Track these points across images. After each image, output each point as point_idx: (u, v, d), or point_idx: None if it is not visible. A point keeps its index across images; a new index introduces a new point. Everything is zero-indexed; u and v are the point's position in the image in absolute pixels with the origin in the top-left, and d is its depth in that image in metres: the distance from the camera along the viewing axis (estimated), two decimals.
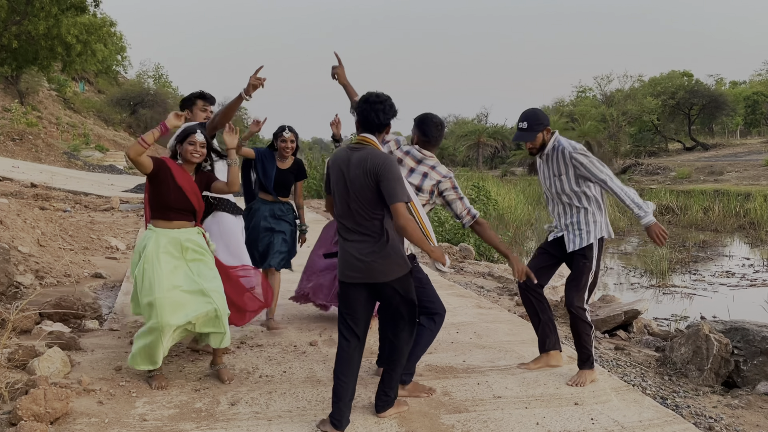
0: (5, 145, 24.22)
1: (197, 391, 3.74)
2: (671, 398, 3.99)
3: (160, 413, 3.42)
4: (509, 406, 3.58)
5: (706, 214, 18.24)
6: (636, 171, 35.60)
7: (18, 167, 19.91)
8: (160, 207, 3.84)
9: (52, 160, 24.35)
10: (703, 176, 31.33)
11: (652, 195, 22.71)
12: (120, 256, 8.29)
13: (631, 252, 13.89)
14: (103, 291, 6.54)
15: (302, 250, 5.41)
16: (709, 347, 4.50)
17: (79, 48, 22.90)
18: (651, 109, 42.79)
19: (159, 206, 3.85)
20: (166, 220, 3.86)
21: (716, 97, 46.33)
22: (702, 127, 51.61)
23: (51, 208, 11.87)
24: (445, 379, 3.99)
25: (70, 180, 19.14)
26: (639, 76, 47.87)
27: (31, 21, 22.20)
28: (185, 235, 3.86)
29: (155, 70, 51.96)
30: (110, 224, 11.30)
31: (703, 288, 10.03)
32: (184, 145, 3.90)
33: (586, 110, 46.64)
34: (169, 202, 3.80)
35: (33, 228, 7.79)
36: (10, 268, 5.80)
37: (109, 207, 13.96)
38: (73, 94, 41.82)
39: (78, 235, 9.04)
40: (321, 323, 5.25)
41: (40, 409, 3.19)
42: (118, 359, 4.24)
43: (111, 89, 47.14)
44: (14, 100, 32.23)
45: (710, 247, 14.36)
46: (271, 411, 3.48)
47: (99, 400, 3.55)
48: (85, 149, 29.31)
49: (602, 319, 5.45)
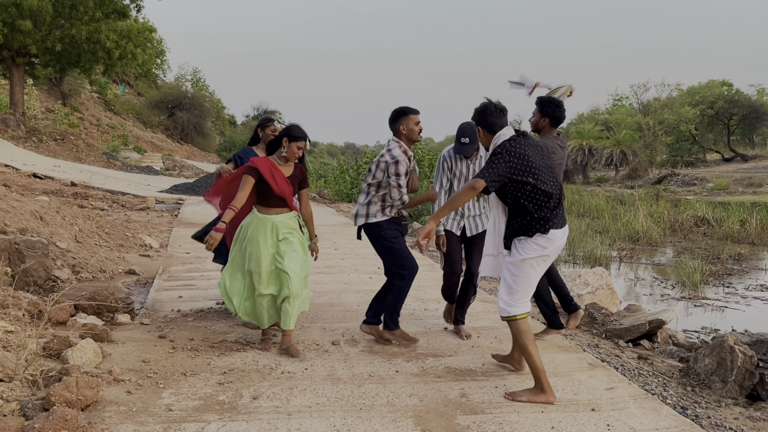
0: (47, 144, 24.98)
1: (221, 384, 3.86)
2: (692, 408, 3.97)
3: (185, 404, 3.54)
4: (525, 410, 3.61)
5: (743, 226, 17.80)
6: (672, 181, 34.90)
7: (59, 166, 20.53)
8: (261, 197, 4.56)
9: (91, 160, 25.02)
10: (741, 188, 30.62)
11: (688, 206, 22.25)
12: (153, 254, 8.53)
13: (664, 263, 13.67)
14: (136, 287, 6.75)
15: None
16: (734, 359, 4.45)
17: (119, 53, 23.53)
18: (689, 119, 42.00)
19: (260, 196, 4.57)
20: (266, 206, 4.56)
21: (757, 107, 45.24)
22: (742, 138, 50.39)
23: (89, 206, 12.24)
24: (463, 381, 4.03)
25: (108, 180, 19.66)
26: (677, 84, 47.12)
27: (74, 25, 22.90)
28: (281, 218, 4.55)
29: (193, 74, 53.01)
30: (145, 223, 11.60)
31: (736, 301, 9.82)
32: (291, 146, 4.51)
33: (621, 119, 46.04)
34: (267, 194, 4.53)
35: (71, 225, 8.07)
36: (48, 263, 6.04)
37: (144, 207, 14.32)
38: (114, 96, 42.95)
39: (114, 233, 9.32)
40: (344, 324, 5.34)
41: (71, 396, 3.34)
42: (147, 352, 4.40)
43: (150, 92, 48.24)
44: (57, 101, 33.24)
45: (746, 260, 14.04)
46: (292, 406, 3.58)
47: (128, 389, 3.69)
48: (124, 150, 30.06)
49: (626, 328, 5.42)
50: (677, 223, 18.61)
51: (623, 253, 14.50)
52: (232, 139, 46.36)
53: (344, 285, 6.87)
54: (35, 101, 29.55)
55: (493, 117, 3.91)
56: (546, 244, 3.79)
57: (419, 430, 3.33)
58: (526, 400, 3.72)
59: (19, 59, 23.98)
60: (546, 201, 3.78)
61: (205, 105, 46.55)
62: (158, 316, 5.41)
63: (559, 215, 3.84)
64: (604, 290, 6.63)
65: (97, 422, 3.24)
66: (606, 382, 4.08)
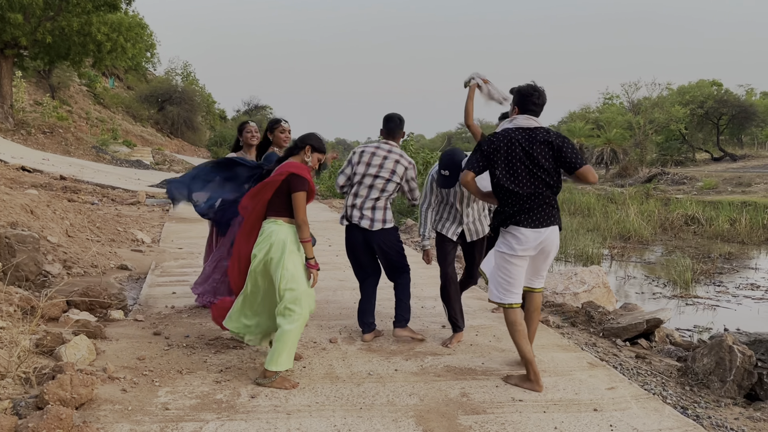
0: (36, 137, 24.71)
1: (218, 382, 3.80)
2: (692, 408, 3.95)
3: (181, 403, 3.48)
4: (527, 410, 3.58)
5: (733, 225, 17.90)
6: (662, 180, 35.05)
7: (48, 160, 20.29)
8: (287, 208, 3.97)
9: (81, 154, 24.77)
10: (730, 187, 30.79)
11: (678, 205, 22.36)
12: (145, 249, 8.43)
13: (655, 262, 13.71)
14: (128, 282, 6.66)
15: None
16: (733, 359, 4.44)
17: (109, 45, 23.29)
18: (679, 118, 42.21)
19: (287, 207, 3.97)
20: (290, 217, 3.98)
21: (746, 107, 45.52)
22: (731, 138, 50.73)
23: (79, 200, 12.09)
24: (463, 380, 3.99)
25: (98, 173, 19.46)
26: (667, 84, 47.33)
27: (64, 17, 22.63)
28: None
29: (183, 68, 52.60)
30: (136, 218, 11.48)
31: (727, 300, 9.86)
32: (314, 156, 4.10)
33: (612, 117, 46.19)
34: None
35: (62, 219, 7.95)
36: (39, 257, 5.94)
37: (135, 201, 14.18)
38: (103, 89, 42.54)
39: (105, 228, 9.21)
40: (341, 321, 5.29)
41: (66, 394, 3.27)
42: (141, 349, 4.32)
43: (140, 86, 47.84)
44: (46, 94, 32.88)
45: (736, 259, 14.11)
46: (290, 405, 3.53)
47: (123, 387, 3.62)
48: (113, 144, 29.79)
49: (623, 326, 5.40)
50: (668, 222, 18.70)
51: (614, 251, 14.54)
52: (223, 133, 46.07)
53: (339, 282, 6.81)
54: (24, 94, 29.20)
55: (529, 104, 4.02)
56: (513, 241, 3.89)
57: (421, 430, 3.29)
58: (513, 384, 3.96)
59: (8, 51, 23.68)
60: (509, 198, 3.92)
61: (196, 99, 46.21)
62: (152, 313, 5.33)
63: (533, 215, 3.90)
64: (601, 289, 6.61)
65: (92, 421, 3.17)
66: (607, 381, 4.05)
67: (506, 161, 3.90)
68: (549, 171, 3.90)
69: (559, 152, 3.88)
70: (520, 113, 3.99)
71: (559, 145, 3.88)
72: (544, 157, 3.90)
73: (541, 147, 3.88)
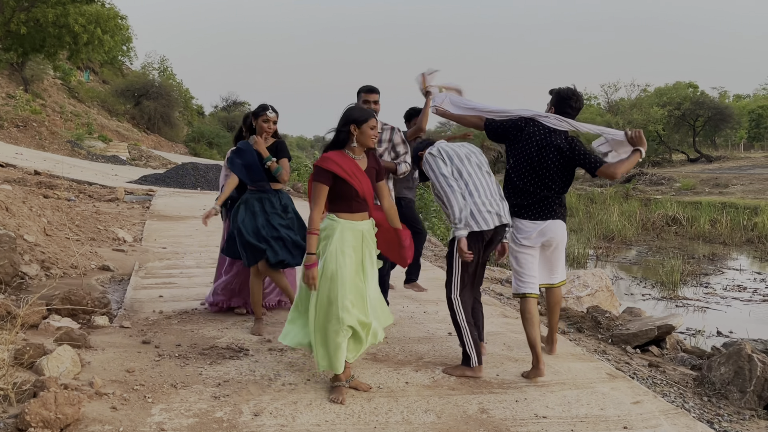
0: (9, 131, 23.96)
1: (217, 398, 3.49)
2: (717, 422, 3.76)
3: (178, 422, 3.17)
4: (553, 428, 3.34)
5: (714, 226, 17.99)
6: (640, 180, 35.31)
7: (21, 154, 19.66)
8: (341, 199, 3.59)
9: (55, 149, 24.08)
10: (708, 188, 31.11)
11: (658, 205, 22.45)
12: (127, 249, 8.04)
13: (641, 262, 13.66)
14: (111, 285, 6.30)
15: None
16: (753, 368, 4.26)
17: (86, 38, 22.63)
18: (656, 119, 42.57)
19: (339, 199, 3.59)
20: (349, 212, 3.60)
21: (722, 109, 46.10)
22: (705, 139, 51.38)
23: (54, 196, 11.61)
24: (480, 394, 3.74)
25: (73, 169, 18.87)
26: (646, 85, 47.72)
27: (40, 8, 21.92)
28: (367, 228, 3.68)
29: (160, 62, 51.63)
30: (116, 215, 11.05)
31: (716, 302, 9.80)
32: (363, 129, 3.57)
33: (590, 117, 46.39)
34: (349, 195, 3.57)
35: (39, 216, 7.54)
36: (15, 258, 5.56)
37: (113, 198, 13.70)
38: (78, 83, 41.54)
39: (84, 226, 8.79)
40: None
41: (50, 415, 2.95)
42: (130, 359, 4.00)
43: (116, 80, 46.84)
44: (19, 87, 31.96)
45: (719, 259, 14.13)
46: (298, 424, 3.24)
47: (112, 405, 3.31)
48: (89, 139, 29.05)
49: (633, 333, 5.21)
50: (649, 222, 18.74)
51: (599, 252, 14.49)
52: (201, 129, 45.34)
53: None
54: None
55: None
56: (516, 232, 4.10)
57: None
58: (524, 376, 4.02)
59: None
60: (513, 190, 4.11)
61: (173, 94, 45.35)
62: (139, 318, 5.00)
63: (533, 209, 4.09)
64: (604, 292, 6.43)
65: None
66: (630, 395, 3.83)
67: (518, 153, 4.10)
68: (553, 176, 4.03)
69: (571, 161, 4.03)
70: (557, 113, 4.12)
71: (570, 156, 4.03)
72: (552, 161, 4.03)
73: (553, 152, 4.01)
